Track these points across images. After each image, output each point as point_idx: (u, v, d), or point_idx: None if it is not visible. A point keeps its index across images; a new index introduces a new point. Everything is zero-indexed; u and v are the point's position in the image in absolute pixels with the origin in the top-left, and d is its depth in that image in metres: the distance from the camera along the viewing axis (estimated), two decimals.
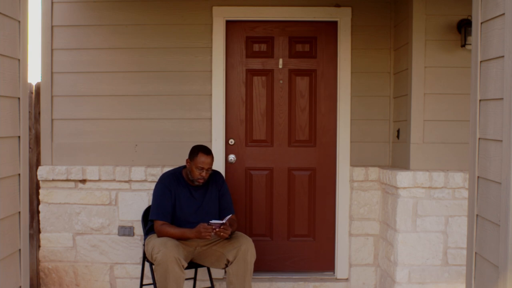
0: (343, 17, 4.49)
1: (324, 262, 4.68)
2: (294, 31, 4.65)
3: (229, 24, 4.55)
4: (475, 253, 2.51)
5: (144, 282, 4.12)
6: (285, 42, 4.65)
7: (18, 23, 2.60)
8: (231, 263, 3.71)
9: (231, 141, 4.62)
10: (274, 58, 4.65)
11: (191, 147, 3.97)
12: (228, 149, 4.62)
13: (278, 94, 4.66)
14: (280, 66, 4.64)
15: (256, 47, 4.64)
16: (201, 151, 3.83)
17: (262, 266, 4.57)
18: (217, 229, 3.60)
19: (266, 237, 4.68)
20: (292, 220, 4.70)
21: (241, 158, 4.65)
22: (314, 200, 4.70)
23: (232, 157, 4.60)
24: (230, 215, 3.77)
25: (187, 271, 3.74)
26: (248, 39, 4.62)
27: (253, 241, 3.85)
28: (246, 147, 4.66)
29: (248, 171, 4.66)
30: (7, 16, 2.48)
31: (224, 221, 3.61)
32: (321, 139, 4.64)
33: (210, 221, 3.62)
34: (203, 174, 3.83)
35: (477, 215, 2.50)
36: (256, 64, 4.65)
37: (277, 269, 4.66)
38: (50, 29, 4.41)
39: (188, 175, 3.90)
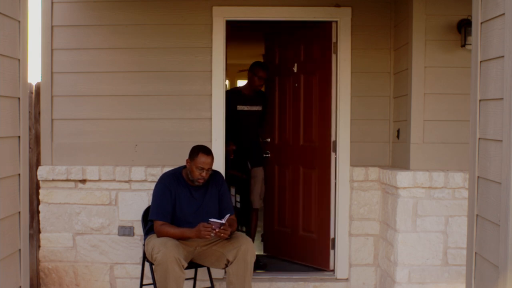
0: (343, 17, 4.49)
1: (323, 261, 4.69)
2: (299, 33, 4.73)
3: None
4: (475, 253, 2.51)
5: (144, 282, 4.12)
6: (294, 44, 4.75)
7: (18, 23, 2.60)
8: (231, 263, 3.71)
9: (268, 140, 5.22)
10: (289, 60, 4.98)
11: (191, 147, 3.97)
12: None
13: (286, 95, 4.93)
14: (295, 70, 4.78)
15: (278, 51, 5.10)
16: (201, 151, 3.83)
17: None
18: (217, 230, 3.60)
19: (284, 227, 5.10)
20: (297, 216, 4.94)
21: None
22: (316, 199, 4.73)
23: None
24: (229, 215, 3.77)
25: (187, 271, 3.74)
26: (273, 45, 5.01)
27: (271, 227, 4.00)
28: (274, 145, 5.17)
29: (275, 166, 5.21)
30: (7, 16, 2.48)
31: (223, 221, 3.61)
32: (322, 138, 4.65)
33: (210, 220, 3.62)
34: (203, 174, 3.82)
35: (477, 215, 2.50)
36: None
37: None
38: (50, 29, 4.41)
39: (188, 175, 3.90)
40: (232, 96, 4.97)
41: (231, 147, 4.92)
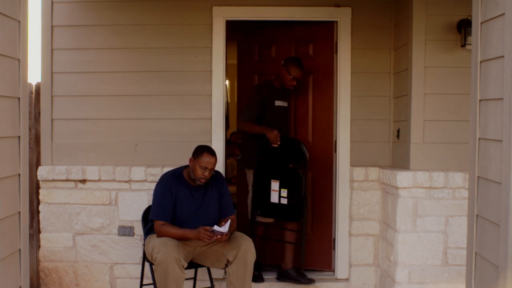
0: (343, 17, 4.49)
1: (325, 263, 4.68)
2: (295, 31, 4.67)
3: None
4: (475, 253, 2.51)
5: (144, 282, 4.12)
6: (285, 43, 4.68)
7: (18, 23, 2.60)
8: (231, 263, 3.72)
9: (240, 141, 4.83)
10: (276, 59, 4.71)
11: (191, 147, 3.97)
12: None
13: None
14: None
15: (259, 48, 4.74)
16: (206, 151, 3.84)
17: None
18: (218, 236, 3.60)
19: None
20: None
21: None
22: (314, 199, 4.71)
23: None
24: (230, 220, 3.79)
25: (187, 271, 3.74)
26: (252, 42, 4.72)
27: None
28: None
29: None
30: (7, 16, 2.48)
31: (226, 231, 3.61)
32: (321, 138, 4.65)
33: (214, 228, 3.62)
34: (206, 174, 3.83)
35: (477, 215, 2.50)
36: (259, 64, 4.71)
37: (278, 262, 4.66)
38: (50, 29, 4.41)
39: (190, 175, 3.90)
40: (268, 89, 4.56)
41: (275, 132, 4.35)
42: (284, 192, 4.35)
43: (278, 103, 4.57)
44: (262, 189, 4.44)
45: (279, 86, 4.58)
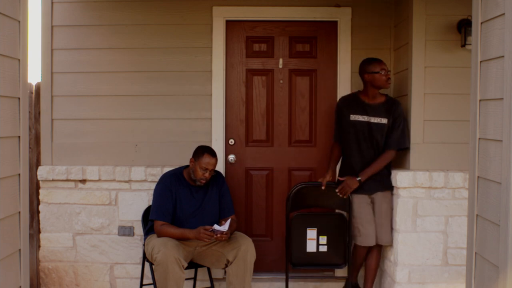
0: (343, 17, 4.49)
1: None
2: (294, 31, 4.64)
3: (229, 24, 4.55)
4: (475, 253, 2.51)
5: (144, 282, 4.12)
6: (285, 42, 4.65)
7: (18, 23, 2.60)
8: (231, 263, 3.72)
9: (231, 141, 4.61)
10: (274, 58, 4.65)
11: (191, 147, 3.97)
12: (228, 149, 4.61)
13: (278, 94, 4.65)
14: (280, 66, 4.64)
15: (256, 47, 4.63)
16: (206, 152, 3.85)
17: (263, 267, 4.56)
18: (218, 235, 3.61)
19: (266, 237, 4.68)
20: None
21: (241, 158, 4.64)
22: None
23: (232, 157, 4.58)
24: (230, 219, 3.79)
25: (187, 271, 3.74)
26: (248, 39, 4.62)
27: (253, 241, 3.86)
28: (246, 147, 4.65)
29: (248, 171, 4.66)
30: (7, 16, 2.48)
31: (226, 229, 3.62)
32: (321, 139, 4.64)
33: (213, 228, 3.62)
34: (206, 175, 3.84)
35: (477, 215, 2.50)
36: (256, 64, 4.64)
37: (277, 269, 4.65)
38: (50, 29, 4.42)
39: (190, 175, 3.90)
40: (347, 102, 4.18)
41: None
42: (323, 239, 4.09)
43: (354, 117, 4.06)
44: (296, 239, 4.11)
45: (368, 96, 4.08)
